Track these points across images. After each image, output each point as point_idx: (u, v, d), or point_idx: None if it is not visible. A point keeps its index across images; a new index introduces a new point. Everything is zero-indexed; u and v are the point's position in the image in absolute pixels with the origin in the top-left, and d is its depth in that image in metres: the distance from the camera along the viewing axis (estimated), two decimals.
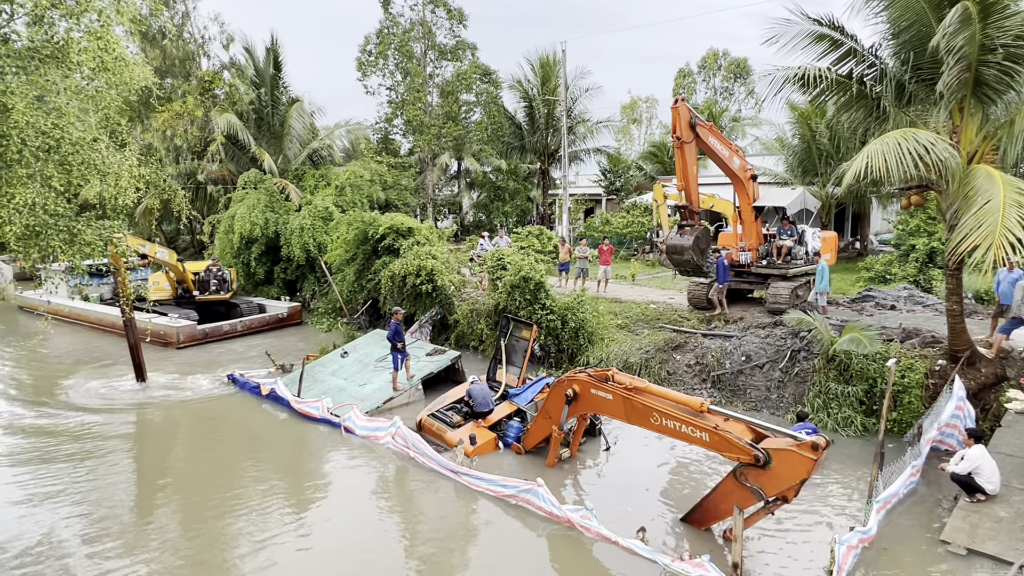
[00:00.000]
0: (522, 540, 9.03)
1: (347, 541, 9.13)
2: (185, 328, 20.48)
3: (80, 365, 18.39)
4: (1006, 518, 8.45)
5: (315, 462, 12.18)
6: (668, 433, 8.87)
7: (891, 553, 8.37)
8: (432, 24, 33.79)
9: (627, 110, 54.85)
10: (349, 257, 21.01)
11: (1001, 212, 8.83)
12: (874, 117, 11.81)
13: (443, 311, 18.66)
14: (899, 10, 10.80)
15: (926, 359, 12.10)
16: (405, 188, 31.68)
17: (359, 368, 15.78)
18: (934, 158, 9.75)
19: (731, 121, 38.79)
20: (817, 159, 26.96)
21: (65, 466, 11.50)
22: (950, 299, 11.50)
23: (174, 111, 26.14)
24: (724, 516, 8.66)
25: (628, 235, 31.02)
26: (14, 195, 8.77)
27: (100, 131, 10.06)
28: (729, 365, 14.04)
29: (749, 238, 17.04)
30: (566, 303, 15.87)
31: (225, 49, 30.21)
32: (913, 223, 20.80)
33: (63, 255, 10.05)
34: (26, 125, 8.62)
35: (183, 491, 10.72)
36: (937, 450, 10.59)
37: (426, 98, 33.80)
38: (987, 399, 11.52)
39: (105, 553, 8.74)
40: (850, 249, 30.25)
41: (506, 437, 11.99)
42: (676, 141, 14.51)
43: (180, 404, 14.99)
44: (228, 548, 8.94)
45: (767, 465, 7.84)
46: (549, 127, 36.18)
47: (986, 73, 10.17)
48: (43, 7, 8.94)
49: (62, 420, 13.86)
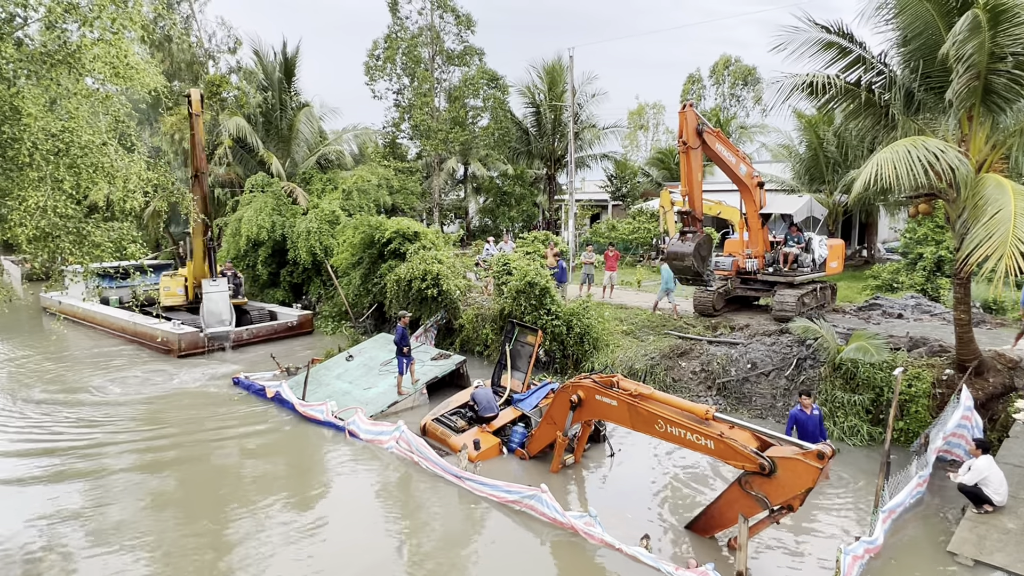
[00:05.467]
0: (525, 546, 9.00)
1: (349, 545, 9.12)
2: (187, 335, 19.26)
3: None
4: (1014, 530, 8.38)
5: (319, 465, 12.19)
6: (673, 440, 8.84)
7: (897, 564, 8.31)
8: (440, 29, 33.95)
9: (634, 116, 54.92)
10: (355, 261, 21.07)
11: (1012, 222, 8.78)
12: (882, 125, 11.78)
13: (448, 316, 18.68)
14: (909, 18, 10.78)
15: (933, 368, 12.03)
16: (412, 192, 31.77)
17: (364, 372, 15.80)
18: (944, 166, 9.71)
19: (739, 128, 38.76)
20: (824, 167, 26.91)
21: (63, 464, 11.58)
22: (958, 308, 11.44)
23: (182, 114, 26.32)
24: (729, 524, 8.62)
25: (634, 241, 30.99)
26: (26, 198, 8.85)
27: (109, 135, 10.15)
28: (735, 372, 13.99)
29: (755, 245, 17.00)
30: (572, 309, 15.87)
31: (232, 53, 30.44)
32: (921, 232, 20.73)
33: (72, 256, 10.12)
34: (37, 129, 8.70)
35: (182, 491, 10.75)
36: (944, 460, 10.52)
37: (433, 103, 33.92)
38: (995, 409, 11.44)
39: (102, 551, 8.77)
40: (857, 257, 30.13)
41: (510, 442, 11.97)
42: (682, 146, 14.49)
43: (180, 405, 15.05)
44: (229, 549, 8.94)
45: (772, 473, 7.80)
46: (556, 132, 36.23)
47: (995, 81, 10.13)
48: (57, 13, 9.04)
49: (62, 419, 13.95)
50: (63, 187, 9.18)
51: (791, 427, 10.40)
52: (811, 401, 10.54)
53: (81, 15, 9.24)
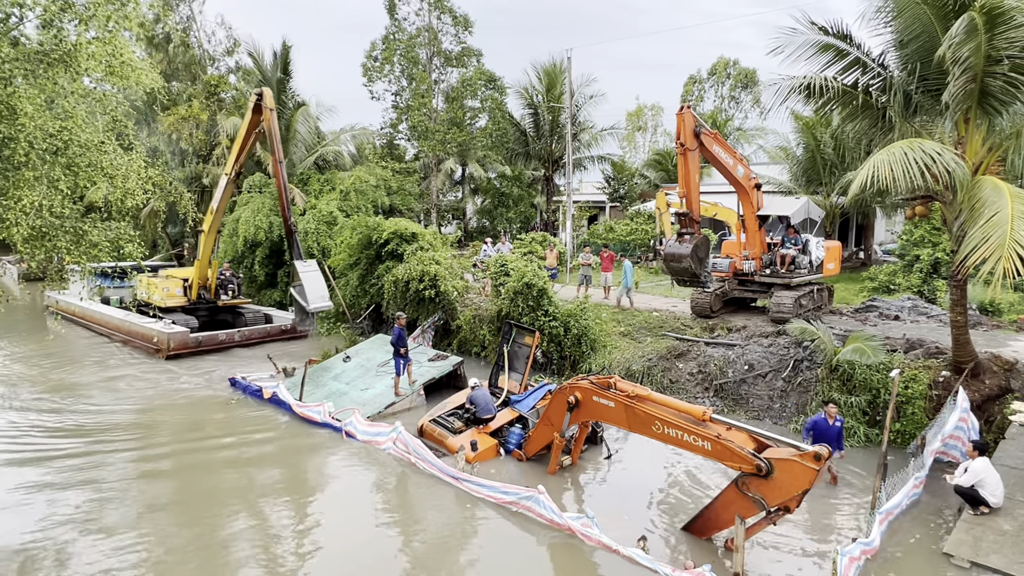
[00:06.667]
0: (522, 547, 8.99)
1: (346, 546, 9.10)
2: (176, 335, 18.97)
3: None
4: (1010, 531, 8.39)
5: (316, 466, 12.17)
6: (670, 441, 8.83)
7: (894, 565, 8.31)
8: (438, 30, 33.94)
9: (632, 117, 54.93)
10: (353, 262, 21.04)
11: (1009, 224, 8.80)
12: (880, 127, 11.81)
13: (446, 317, 18.67)
14: (906, 20, 10.81)
15: (930, 370, 12.05)
16: (409, 193, 31.77)
17: (361, 373, 15.78)
18: (940, 168, 9.74)
19: (736, 130, 38.82)
20: (822, 169, 26.98)
21: (61, 462, 11.54)
22: (954, 310, 11.46)
23: (180, 115, 26.31)
24: (726, 526, 8.62)
25: (632, 243, 31.01)
26: (21, 197, 8.82)
27: (107, 134, 10.12)
28: (732, 374, 14.00)
29: (753, 247, 17.03)
30: (569, 310, 15.87)
31: (230, 55, 30.41)
32: (917, 234, 20.78)
33: (69, 256, 10.09)
34: (33, 128, 8.68)
35: (181, 490, 10.72)
36: (940, 462, 10.53)
37: (431, 103, 33.92)
38: (991, 411, 11.46)
39: (101, 549, 8.74)
40: (854, 259, 30.20)
41: (507, 444, 11.96)
42: (680, 148, 14.52)
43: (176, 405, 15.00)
44: (225, 550, 8.91)
45: (769, 475, 7.80)
46: (554, 134, 36.25)
47: (992, 84, 10.16)
48: (52, 12, 9.02)
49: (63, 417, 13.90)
50: (59, 186, 9.15)
51: (808, 433, 10.41)
52: (836, 411, 10.56)
53: (77, 13, 9.21)
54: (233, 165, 19.28)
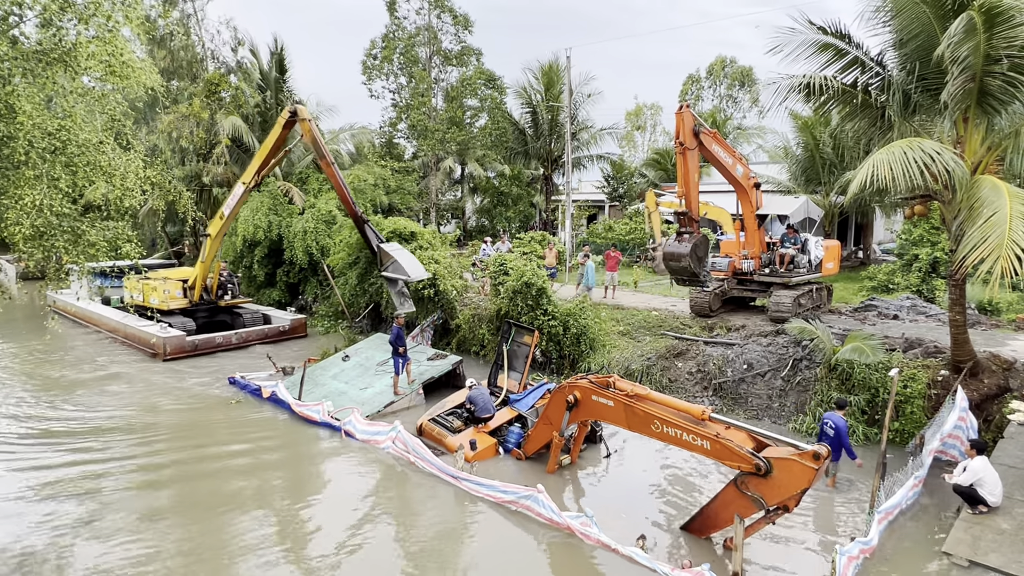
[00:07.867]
0: (522, 547, 9.00)
1: (345, 545, 9.10)
2: (172, 340, 18.88)
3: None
4: (1008, 530, 8.41)
5: (315, 465, 12.17)
6: (669, 441, 8.84)
7: (893, 564, 8.32)
8: (438, 29, 33.92)
9: (631, 116, 54.97)
10: (352, 261, 21.01)
11: (1008, 224, 8.81)
12: (879, 127, 11.81)
13: (445, 316, 18.66)
14: (906, 20, 10.81)
15: (929, 369, 12.07)
16: (408, 192, 31.75)
17: (360, 372, 15.78)
18: (939, 168, 9.74)
19: (735, 130, 38.81)
20: (821, 168, 26.99)
21: (59, 460, 11.53)
22: (953, 309, 11.48)
23: (180, 113, 26.27)
24: (725, 525, 8.63)
25: (630, 242, 31.03)
26: (22, 196, 8.81)
27: (106, 133, 10.10)
28: (731, 373, 14.01)
29: (752, 246, 17.04)
30: (568, 309, 15.87)
31: (234, 52, 30.37)
32: (916, 233, 20.81)
33: (67, 255, 10.07)
34: (32, 127, 8.67)
35: (180, 491, 10.72)
36: (939, 461, 10.54)
37: (431, 102, 33.90)
38: (990, 410, 11.48)
39: (99, 548, 8.74)
40: (853, 258, 30.23)
41: (507, 443, 11.97)
42: (679, 147, 14.52)
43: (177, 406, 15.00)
44: (223, 550, 8.91)
45: (768, 474, 7.81)
46: (553, 133, 36.24)
47: (991, 83, 10.16)
48: (52, 10, 9.00)
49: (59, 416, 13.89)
50: (59, 185, 9.14)
51: (824, 430, 10.36)
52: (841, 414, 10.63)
53: (77, 12, 9.20)
54: (254, 176, 18.83)
